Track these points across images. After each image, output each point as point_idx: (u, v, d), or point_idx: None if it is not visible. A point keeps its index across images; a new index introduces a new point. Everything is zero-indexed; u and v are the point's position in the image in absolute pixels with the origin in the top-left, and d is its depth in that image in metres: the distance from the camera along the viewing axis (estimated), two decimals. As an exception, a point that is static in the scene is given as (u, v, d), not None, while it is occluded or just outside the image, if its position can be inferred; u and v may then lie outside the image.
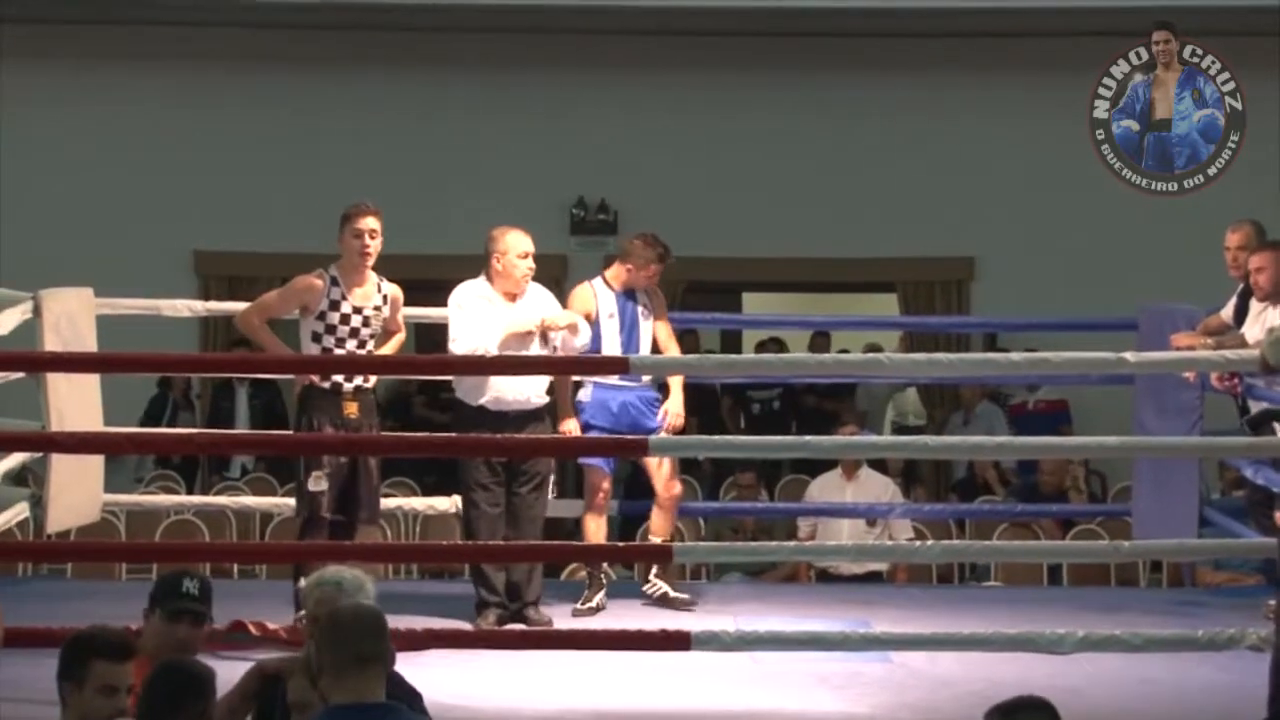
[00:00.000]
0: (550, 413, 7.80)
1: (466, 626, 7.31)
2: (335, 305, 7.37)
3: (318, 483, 7.31)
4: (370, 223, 7.40)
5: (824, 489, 10.19)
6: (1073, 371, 8.09)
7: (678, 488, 8.12)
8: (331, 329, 7.38)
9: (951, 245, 13.62)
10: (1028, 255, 13.40)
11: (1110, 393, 9.85)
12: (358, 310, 7.41)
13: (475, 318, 7.60)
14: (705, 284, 13.97)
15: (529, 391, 7.59)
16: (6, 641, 4.92)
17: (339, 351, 7.37)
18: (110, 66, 13.64)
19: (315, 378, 7.35)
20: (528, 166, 13.53)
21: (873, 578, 9.93)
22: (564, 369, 7.78)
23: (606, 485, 8.06)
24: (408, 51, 13.64)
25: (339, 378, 7.35)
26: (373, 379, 7.53)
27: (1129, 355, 6.91)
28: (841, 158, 13.67)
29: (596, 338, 7.90)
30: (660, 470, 8.02)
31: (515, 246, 7.65)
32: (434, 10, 13.27)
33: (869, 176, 13.63)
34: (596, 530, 8.03)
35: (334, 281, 7.40)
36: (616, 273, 8.09)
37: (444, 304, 7.85)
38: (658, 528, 8.11)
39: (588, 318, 7.89)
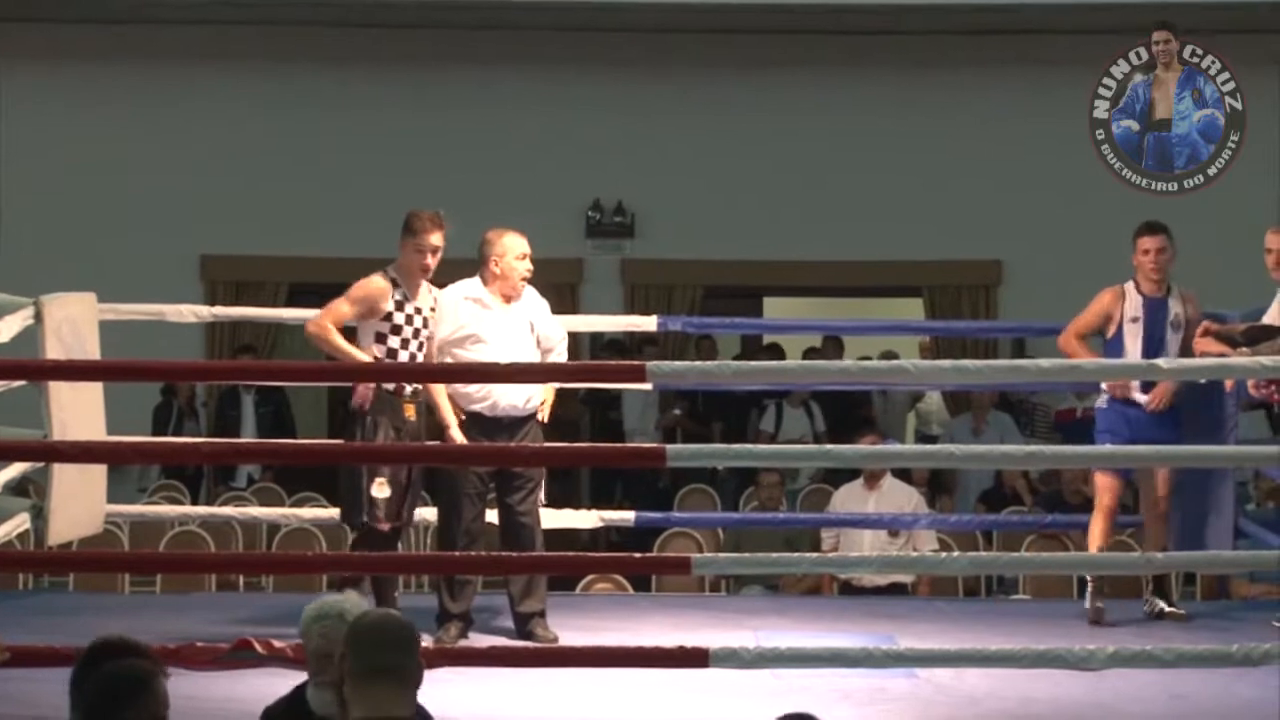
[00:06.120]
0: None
1: (477, 643, 7.18)
2: (400, 306, 7.37)
3: (381, 489, 7.21)
4: (435, 240, 7.37)
5: (846, 499, 10.02)
6: (1106, 379, 7.94)
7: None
8: (397, 329, 7.36)
9: (979, 248, 13.54)
10: (1056, 259, 13.27)
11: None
12: (418, 311, 7.41)
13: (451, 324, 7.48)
14: (725, 288, 13.85)
15: (524, 396, 7.45)
16: (15, 660, 4.75)
17: (404, 352, 7.35)
18: (115, 67, 13.61)
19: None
20: (543, 169, 13.45)
21: (896, 590, 9.78)
22: (584, 376, 7.57)
23: (1115, 487, 8.01)
24: (419, 52, 13.57)
25: None
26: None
27: (1162, 362, 6.75)
28: (865, 159, 13.57)
29: (1118, 341, 7.87)
30: (1152, 481, 8.04)
31: (514, 248, 7.51)
32: (446, 9, 13.14)
33: (894, 178, 13.52)
34: (1099, 533, 8.03)
35: (395, 283, 7.38)
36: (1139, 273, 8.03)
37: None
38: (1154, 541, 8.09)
39: (1109, 320, 7.91)
